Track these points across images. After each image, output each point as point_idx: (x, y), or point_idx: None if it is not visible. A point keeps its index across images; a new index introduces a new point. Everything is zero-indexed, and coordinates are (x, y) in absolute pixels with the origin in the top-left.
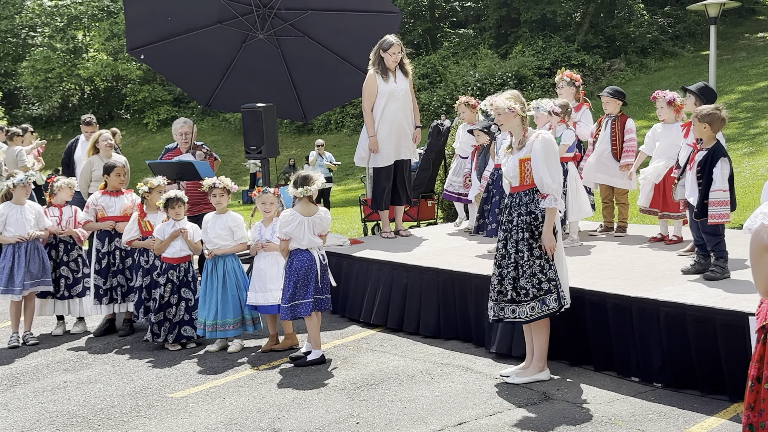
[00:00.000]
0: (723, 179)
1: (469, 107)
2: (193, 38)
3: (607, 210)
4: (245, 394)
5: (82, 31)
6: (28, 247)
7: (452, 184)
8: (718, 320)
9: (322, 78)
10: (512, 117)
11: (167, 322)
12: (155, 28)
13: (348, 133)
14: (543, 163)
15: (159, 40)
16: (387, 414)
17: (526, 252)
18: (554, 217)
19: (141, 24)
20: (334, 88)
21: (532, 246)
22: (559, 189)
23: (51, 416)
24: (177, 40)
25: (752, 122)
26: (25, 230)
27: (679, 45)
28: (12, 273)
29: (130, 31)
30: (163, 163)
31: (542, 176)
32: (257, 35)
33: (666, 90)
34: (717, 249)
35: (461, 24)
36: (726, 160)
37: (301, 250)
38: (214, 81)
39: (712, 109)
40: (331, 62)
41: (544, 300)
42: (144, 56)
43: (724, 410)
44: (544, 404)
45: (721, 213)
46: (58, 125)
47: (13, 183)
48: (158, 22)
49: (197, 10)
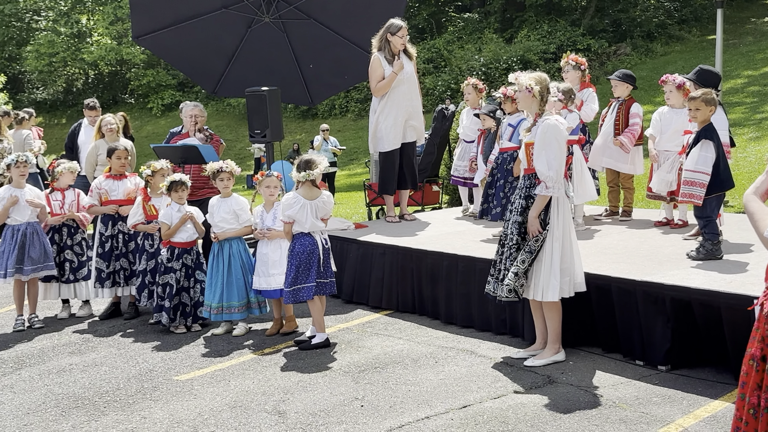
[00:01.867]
0: (698, 160)
1: (476, 90)
2: (198, 24)
3: (612, 194)
4: (250, 376)
5: (86, 15)
6: (27, 231)
7: (458, 169)
8: (723, 304)
9: (328, 61)
10: (529, 97)
11: (181, 306)
12: (160, 14)
13: (352, 118)
14: (541, 149)
15: (164, 27)
16: (391, 397)
17: (516, 236)
18: (542, 204)
19: (146, 10)
20: (340, 71)
21: (522, 231)
22: (555, 177)
23: (57, 398)
24: (182, 27)
25: (758, 107)
26: (26, 214)
27: (686, 29)
28: (5, 257)
29: (135, 18)
30: (167, 147)
31: (538, 162)
32: (263, 18)
33: (676, 74)
34: (707, 231)
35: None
36: (709, 142)
37: (303, 234)
38: (220, 67)
39: (701, 93)
40: (338, 45)
41: (508, 282)
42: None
43: (728, 393)
44: (548, 387)
45: (691, 192)
46: (62, 110)
47: (6, 164)
48: (163, 9)
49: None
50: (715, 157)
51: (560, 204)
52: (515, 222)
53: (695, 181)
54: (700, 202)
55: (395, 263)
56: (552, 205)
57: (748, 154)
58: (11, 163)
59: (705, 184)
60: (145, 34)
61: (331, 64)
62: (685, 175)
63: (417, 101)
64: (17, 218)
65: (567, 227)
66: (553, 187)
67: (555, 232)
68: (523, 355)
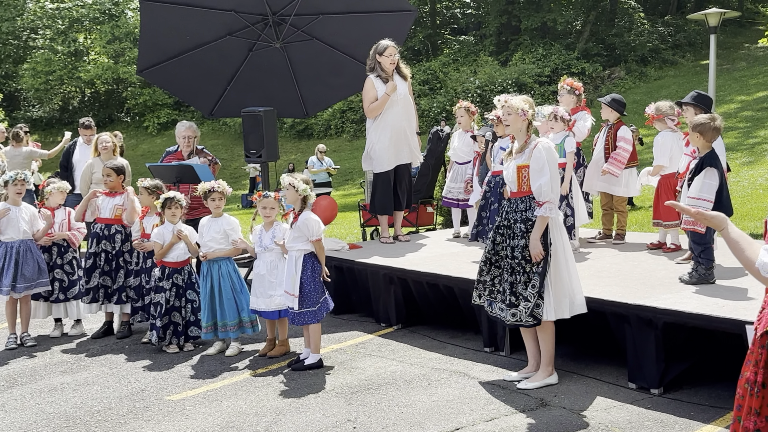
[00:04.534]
0: (702, 187)
1: (468, 113)
2: (202, 52)
3: (606, 217)
4: (242, 397)
5: (84, 34)
6: (21, 248)
7: (450, 191)
8: (715, 328)
9: (324, 72)
10: (522, 120)
11: (172, 326)
12: (167, 48)
13: (348, 139)
14: (543, 172)
15: (169, 58)
16: (384, 419)
17: (521, 259)
18: (544, 226)
19: (154, 45)
20: (336, 82)
21: (526, 255)
22: (556, 198)
23: (48, 418)
24: (186, 57)
25: (751, 132)
26: (20, 231)
27: (679, 54)
28: (1, 274)
29: (143, 54)
30: (162, 166)
31: (541, 184)
32: (273, 44)
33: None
34: (703, 256)
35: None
36: (713, 170)
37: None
38: (218, 91)
39: (706, 119)
40: (336, 58)
41: (522, 308)
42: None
43: (720, 418)
44: (541, 410)
45: (693, 220)
46: (58, 128)
47: (4, 181)
48: (170, 42)
49: (209, 24)
50: (718, 185)
51: (557, 225)
52: (518, 246)
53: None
54: (703, 230)
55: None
56: (551, 227)
57: (741, 179)
58: (9, 181)
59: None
60: (149, 67)
61: (328, 76)
62: (688, 203)
63: (412, 122)
64: (12, 235)
65: (565, 248)
66: (554, 208)
67: (559, 253)
68: (516, 378)
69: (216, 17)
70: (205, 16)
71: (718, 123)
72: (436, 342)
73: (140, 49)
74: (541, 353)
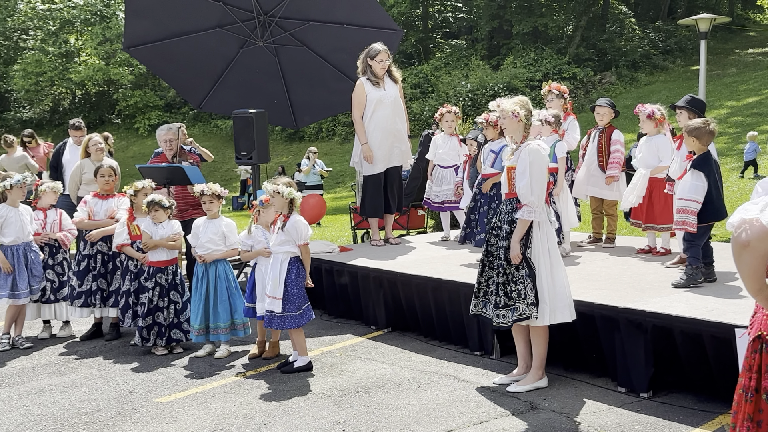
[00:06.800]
0: (690, 188)
1: (456, 117)
2: (192, 40)
3: (596, 221)
4: (231, 399)
5: (75, 35)
6: (26, 250)
7: (438, 195)
8: (704, 332)
9: (316, 87)
10: (515, 122)
11: (156, 326)
12: (155, 27)
13: (339, 141)
14: (524, 174)
15: (157, 39)
16: (373, 421)
17: (503, 260)
18: (524, 228)
19: (141, 22)
20: (327, 98)
21: (508, 256)
22: (537, 202)
23: (35, 419)
24: (175, 42)
25: (741, 137)
26: (23, 233)
27: (670, 59)
28: (15, 278)
29: (129, 28)
30: (152, 168)
31: (521, 186)
32: (256, 42)
33: (647, 104)
34: (690, 254)
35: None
36: (699, 172)
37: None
38: (208, 84)
39: (700, 123)
40: (328, 74)
41: (514, 309)
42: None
43: (709, 422)
44: (530, 413)
45: (684, 220)
46: (48, 129)
47: (10, 184)
48: (158, 22)
49: (198, 12)
50: (707, 186)
51: (542, 228)
52: (502, 247)
53: (687, 209)
54: (695, 229)
55: (380, 286)
56: (534, 230)
57: (731, 184)
58: (15, 184)
59: (696, 211)
60: (137, 45)
61: (319, 91)
62: (677, 204)
63: (402, 125)
64: (14, 238)
65: (553, 252)
66: (535, 211)
67: (541, 257)
68: (506, 381)
69: (206, 6)
70: (195, 3)
71: (713, 127)
72: (426, 345)
73: (126, 22)
74: (533, 357)
